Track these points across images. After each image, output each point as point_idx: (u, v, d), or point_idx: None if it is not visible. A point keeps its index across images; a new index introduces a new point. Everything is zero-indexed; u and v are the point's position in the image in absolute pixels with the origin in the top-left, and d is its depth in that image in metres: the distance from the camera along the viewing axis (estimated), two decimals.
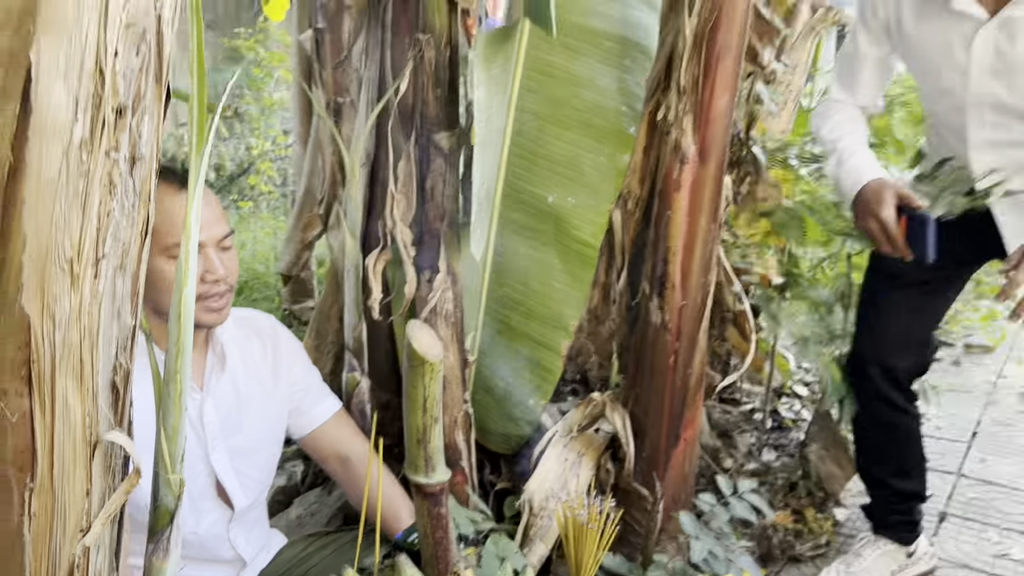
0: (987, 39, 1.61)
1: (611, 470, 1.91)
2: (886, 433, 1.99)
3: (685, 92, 1.67)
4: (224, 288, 1.47)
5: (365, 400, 1.91)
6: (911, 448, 2.01)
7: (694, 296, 1.79)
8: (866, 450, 2.09)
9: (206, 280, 1.43)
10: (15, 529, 0.74)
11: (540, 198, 1.86)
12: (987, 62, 1.64)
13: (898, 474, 2.03)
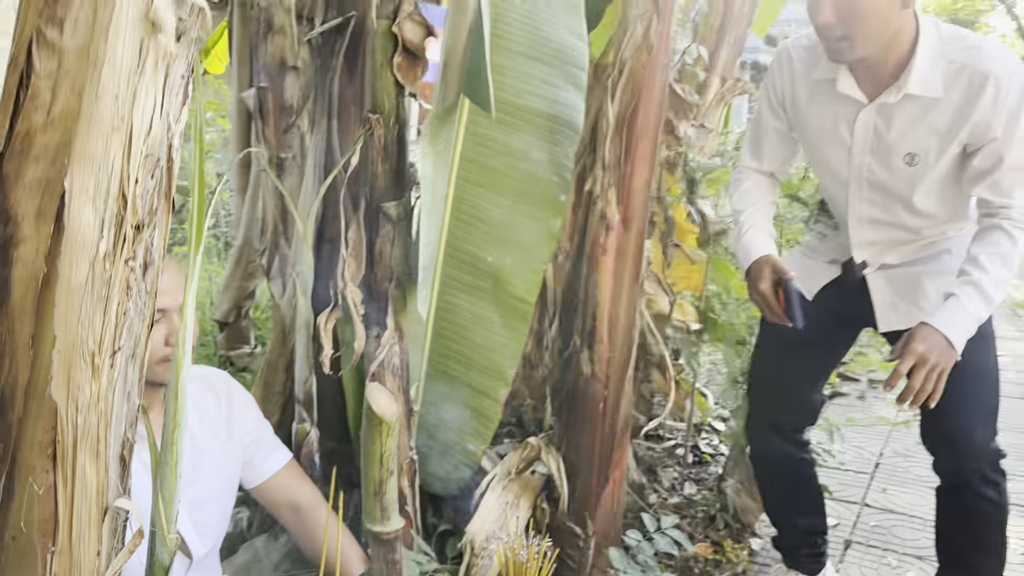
0: (867, 121, 1.79)
1: (546, 510, 2.06)
2: (782, 478, 2.14)
3: (609, 168, 1.86)
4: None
5: (314, 450, 2.02)
6: (807, 490, 2.17)
7: (620, 348, 1.97)
8: (766, 492, 2.25)
9: (170, 343, 1.53)
10: None
11: (480, 258, 2.01)
12: (867, 141, 1.81)
13: (798, 513, 2.20)
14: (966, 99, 1.68)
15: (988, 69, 1.65)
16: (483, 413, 2.07)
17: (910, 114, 1.74)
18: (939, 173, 1.78)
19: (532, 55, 1.97)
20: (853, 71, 1.75)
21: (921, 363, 1.66)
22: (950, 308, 1.71)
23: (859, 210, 1.91)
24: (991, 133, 1.68)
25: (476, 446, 2.09)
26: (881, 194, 1.86)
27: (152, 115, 0.82)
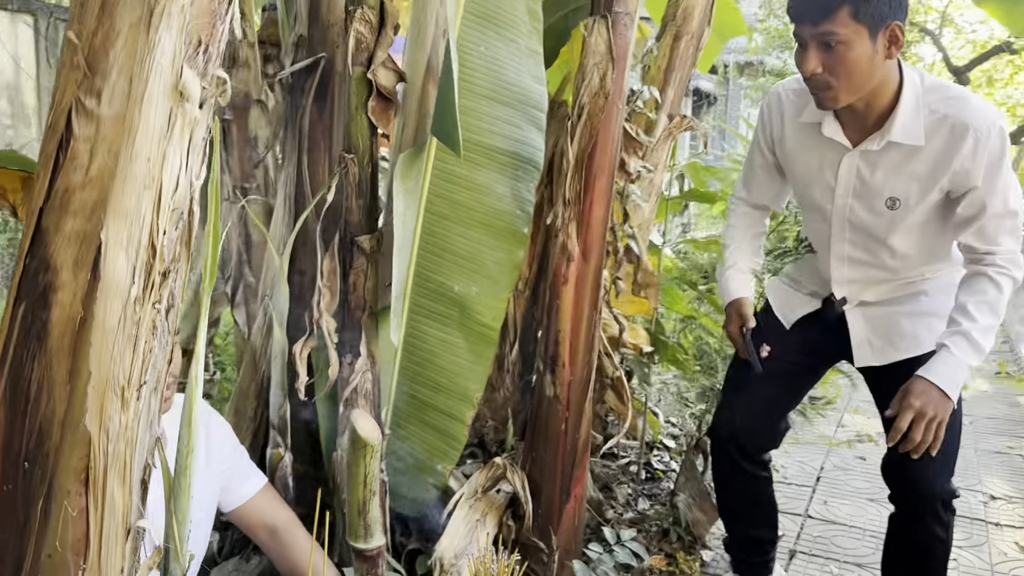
0: (851, 165, 1.89)
1: (512, 526, 2.16)
2: (741, 494, 2.25)
3: (570, 204, 2.00)
4: (171, 379, 1.65)
5: (288, 474, 2.09)
6: (764, 505, 2.29)
7: (580, 371, 2.10)
8: (724, 505, 2.36)
9: None
10: None
11: (447, 287, 2.13)
12: (850, 185, 1.91)
13: (752, 525, 2.31)
14: (947, 148, 1.75)
15: (968, 120, 1.72)
16: (450, 434, 2.17)
17: (893, 160, 1.83)
18: (919, 217, 1.87)
19: (496, 98, 2.10)
20: (839, 117, 1.85)
21: (919, 417, 1.74)
22: (942, 360, 1.78)
23: (840, 249, 2.00)
24: (971, 182, 1.77)
25: (444, 466, 2.19)
26: (862, 235, 1.95)
27: (178, 174, 0.92)
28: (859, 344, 2.05)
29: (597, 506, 2.77)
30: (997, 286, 1.81)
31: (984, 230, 1.81)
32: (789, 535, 2.92)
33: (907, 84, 1.78)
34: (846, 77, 1.71)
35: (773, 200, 2.19)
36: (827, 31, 1.67)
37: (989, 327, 1.79)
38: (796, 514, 3.10)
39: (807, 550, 2.81)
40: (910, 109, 1.77)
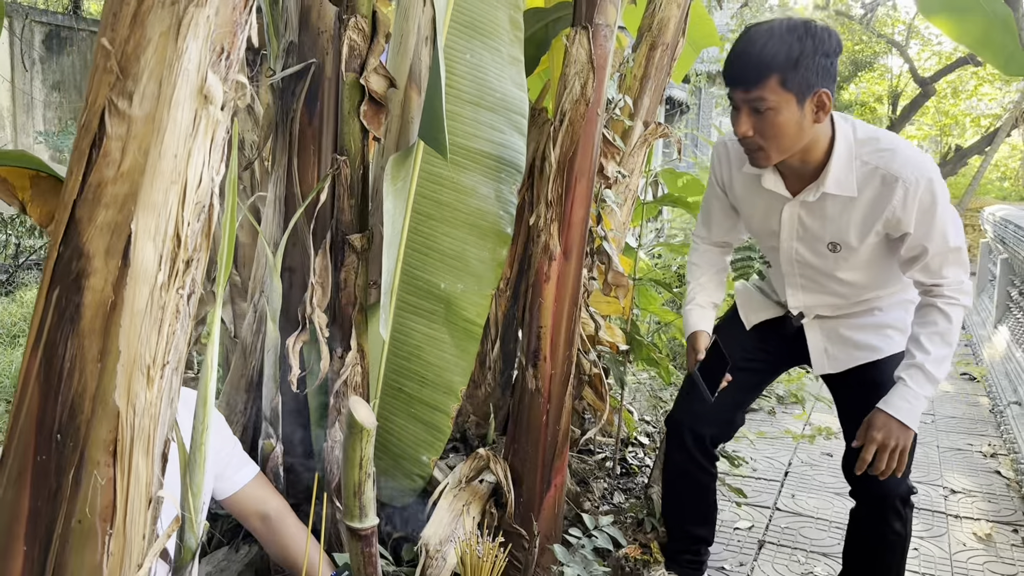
0: (792, 213, 2.01)
1: (495, 514, 2.25)
2: (688, 486, 2.33)
3: (552, 205, 2.10)
4: None
5: (279, 464, 2.17)
6: (707, 501, 2.38)
7: (561, 366, 2.19)
8: (669, 498, 2.44)
9: None
10: (97, 564, 1.00)
11: (434, 284, 2.21)
12: (793, 230, 2.03)
13: (693, 521, 2.40)
14: (879, 198, 1.87)
15: (898, 172, 1.82)
16: (435, 426, 2.26)
17: (830, 209, 1.94)
18: (863, 257, 1.99)
19: (480, 103, 2.20)
20: (779, 168, 1.96)
21: (882, 448, 1.88)
22: (899, 393, 1.90)
23: (793, 280, 2.13)
24: (904, 228, 1.88)
25: (428, 457, 2.28)
26: (811, 271, 2.08)
27: (202, 170, 1.01)
28: (817, 353, 2.18)
29: (575, 498, 2.87)
30: (947, 317, 1.91)
31: (929, 267, 1.92)
32: (758, 526, 3.03)
33: (839, 139, 1.88)
34: (775, 139, 1.81)
35: (731, 235, 2.30)
36: (757, 97, 1.77)
37: (942, 357, 1.91)
38: (765, 507, 3.21)
39: (775, 540, 2.93)
40: (842, 162, 1.88)
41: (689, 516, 2.39)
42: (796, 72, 1.74)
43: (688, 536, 2.42)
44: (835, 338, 2.16)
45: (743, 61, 1.78)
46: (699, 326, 2.17)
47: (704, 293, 2.22)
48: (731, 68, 1.81)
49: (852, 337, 2.13)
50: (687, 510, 2.39)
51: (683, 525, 2.42)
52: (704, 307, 2.20)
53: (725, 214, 2.22)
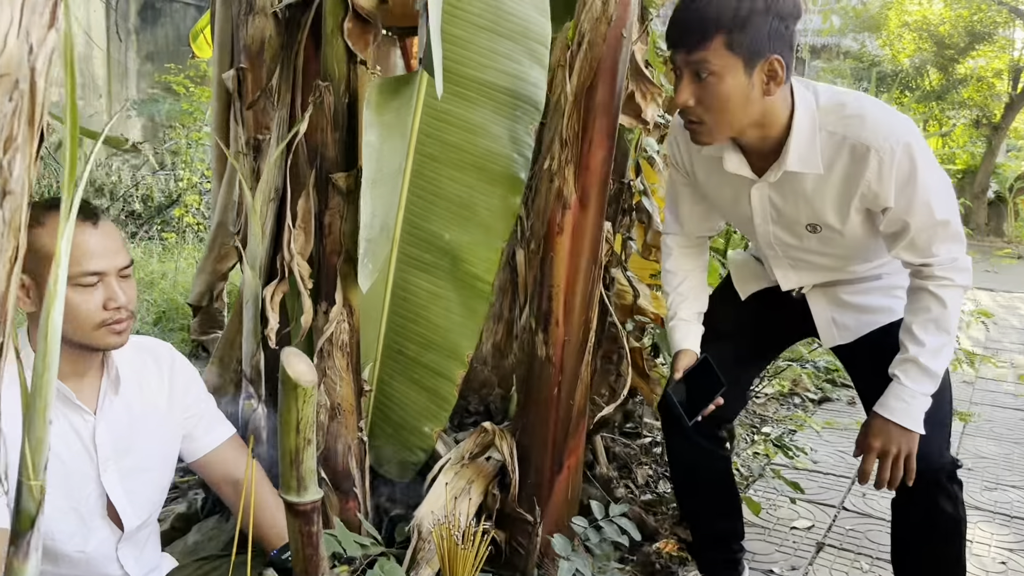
0: (762, 195, 1.76)
1: (498, 495, 2.00)
2: (696, 474, 2.06)
3: (567, 144, 1.81)
4: (126, 315, 1.53)
5: (261, 426, 1.98)
6: (722, 489, 2.09)
7: (576, 332, 1.92)
8: (680, 491, 2.17)
9: (108, 307, 1.49)
10: None
11: (437, 235, 1.97)
12: (766, 213, 1.78)
13: (712, 514, 2.11)
14: (850, 171, 1.62)
15: (868, 140, 1.58)
16: (439, 394, 2.02)
17: (800, 188, 1.70)
18: (848, 235, 1.74)
19: (495, 30, 1.93)
20: (740, 147, 1.72)
21: (883, 456, 1.66)
22: (894, 393, 1.68)
23: (778, 262, 1.89)
24: (883, 203, 1.62)
25: (431, 428, 2.05)
26: (796, 251, 1.84)
27: (7, 32, 0.78)
28: (824, 324, 1.91)
29: (606, 483, 2.59)
30: (940, 301, 1.65)
31: (915, 244, 1.65)
32: (819, 527, 2.69)
33: (799, 109, 1.62)
34: (718, 112, 1.57)
35: (705, 225, 2.02)
36: (699, 60, 1.53)
37: (938, 347, 1.65)
38: (829, 505, 2.86)
39: (837, 543, 2.58)
40: (804, 136, 1.63)
41: (706, 509, 2.11)
42: (744, 33, 1.50)
43: (712, 533, 2.12)
44: (841, 304, 1.88)
45: (685, 18, 1.55)
46: (683, 344, 1.90)
47: (686, 304, 1.94)
48: (672, 27, 1.58)
49: (860, 302, 1.85)
50: (702, 503, 2.10)
51: (703, 520, 2.13)
52: (688, 320, 1.93)
53: (695, 201, 1.95)
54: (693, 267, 1.99)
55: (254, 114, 2.49)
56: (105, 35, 9.96)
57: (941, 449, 1.72)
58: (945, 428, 1.75)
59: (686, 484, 2.10)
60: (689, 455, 2.00)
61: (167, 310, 4.03)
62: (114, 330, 1.51)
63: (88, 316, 1.47)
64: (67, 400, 1.54)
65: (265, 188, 1.95)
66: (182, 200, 5.70)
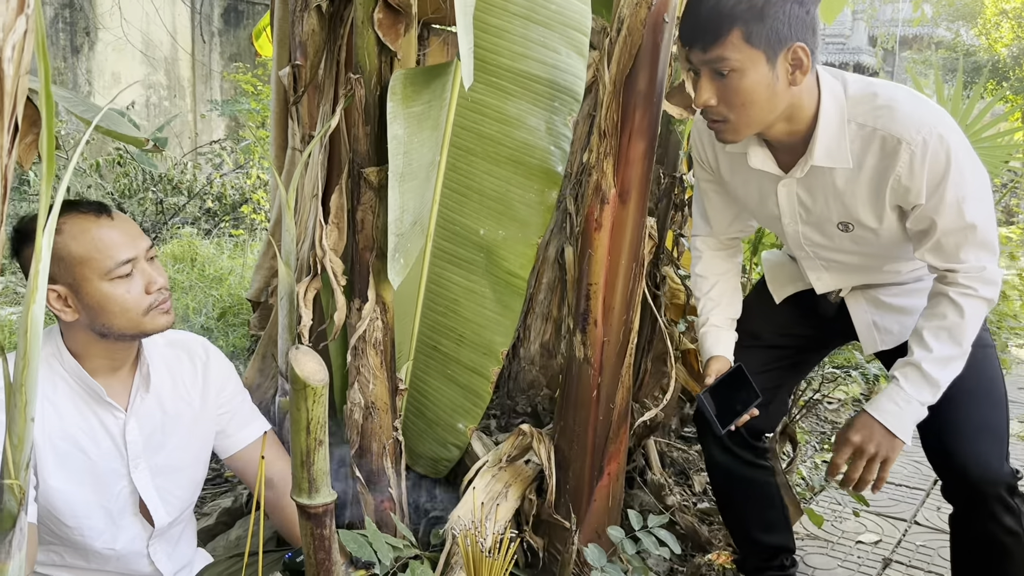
0: (789, 192, 1.65)
1: (534, 500, 1.94)
2: (740, 488, 1.96)
3: (606, 136, 1.73)
4: (167, 293, 1.55)
5: None
6: (768, 501, 1.98)
7: (616, 333, 1.83)
8: (723, 504, 2.07)
9: (151, 290, 1.50)
10: None
11: (472, 230, 1.92)
12: (794, 212, 1.67)
13: (754, 527, 2.00)
14: (881, 165, 1.50)
15: (899, 132, 1.47)
16: (473, 391, 1.97)
17: (829, 184, 1.58)
18: (885, 236, 1.61)
19: (532, 17, 1.86)
20: (767, 142, 1.61)
21: (858, 454, 1.59)
22: (889, 394, 1.59)
23: (811, 264, 1.78)
24: (913, 199, 1.50)
25: (465, 425, 2.00)
26: (829, 252, 1.72)
27: None
28: (864, 329, 1.78)
29: (658, 490, 2.49)
30: (959, 310, 1.53)
31: (941, 246, 1.52)
32: (887, 541, 2.53)
33: (827, 100, 1.52)
34: (743, 108, 1.47)
35: (736, 226, 1.90)
36: (717, 57, 1.44)
37: (946, 357, 1.54)
38: (900, 519, 2.69)
39: (906, 560, 2.42)
40: (833, 128, 1.52)
41: (752, 523, 2.00)
42: (763, 23, 1.40)
43: (760, 547, 2.01)
44: (882, 307, 1.75)
45: (698, 13, 1.45)
46: (716, 350, 1.80)
47: (718, 310, 1.84)
48: (685, 24, 1.49)
49: (902, 304, 1.73)
50: (747, 516, 2.00)
51: (751, 535, 2.01)
52: (720, 327, 1.83)
53: (724, 202, 1.85)
54: (724, 270, 1.89)
55: (308, 110, 2.49)
56: (190, 38, 10.28)
57: (1000, 460, 1.59)
58: (1002, 437, 1.62)
59: (724, 495, 2.01)
60: (726, 465, 1.91)
61: (232, 305, 4.11)
62: (162, 310, 1.53)
63: (136, 304, 1.48)
64: (98, 397, 1.55)
65: (299, 184, 1.93)
66: (251, 198, 5.82)
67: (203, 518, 2.31)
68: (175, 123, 8.95)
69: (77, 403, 1.54)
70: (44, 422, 1.49)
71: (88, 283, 1.43)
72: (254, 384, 2.29)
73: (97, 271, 1.44)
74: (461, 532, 1.59)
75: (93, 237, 1.45)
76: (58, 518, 1.53)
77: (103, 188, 5.98)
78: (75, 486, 1.53)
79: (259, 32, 3.83)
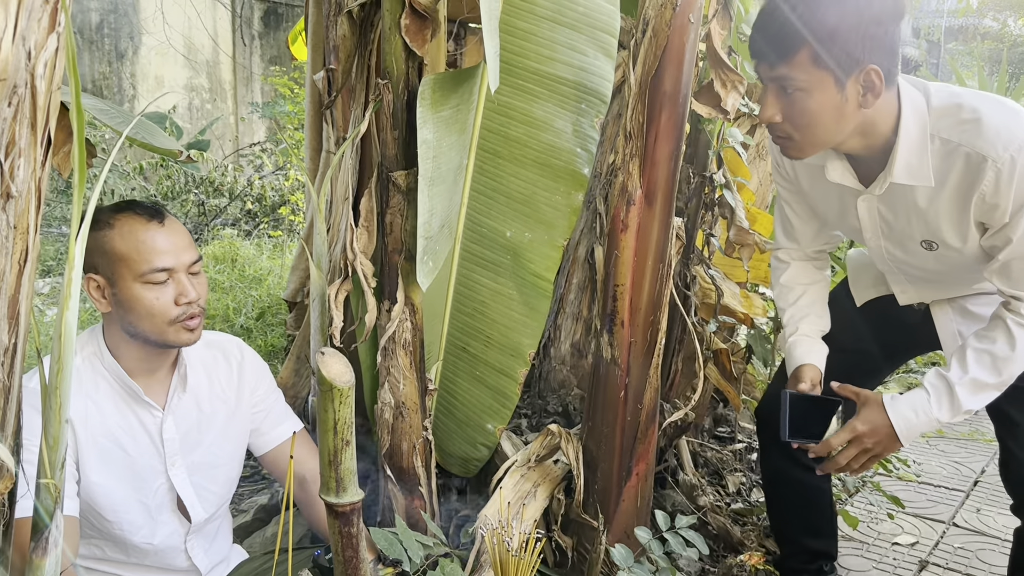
0: (870, 207, 1.60)
1: (563, 500, 1.95)
2: (793, 490, 1.93)
3: (632, 137, 1.73)
4: (197, 310, 1.57)
5: None
6: (819, 506, 1.95)
7: (643, 333, 1.83)
8: (774, 506, 2.04)
9: (179, 303, 1.53)
10: None
11: (499, 232, 1.93)
12: (876, 227, 1.62)
13: (807, 532, 1.98)
14: (966, 183, 1.43)
15: (984, 149, 1.39)
16: (502, 392, 1.99)
17: (911, 202, 1.52)
18: (971, 254, 1.54)
19: (558, 20, 1.87)
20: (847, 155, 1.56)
21: (855, 442, 1.59)
22: (910, 400, 1.57)
23: (895, 277, 1.74)
24: (999, 218, 1.43)
25: (495, 426, 2.01)
26: (913, 268, 1.67)
27: (0, 37, 0.80)
28: (949, 337, 1.72)
29: (690, 490, 2.48)
30: (1011, 339, 1.47)
31: (1009, 270, 1.46)
32: (924, 543, 2.49)
33: (907, 113, 1.44)
34: (807, 128, 1.42)
35: (821, 239, 1.84)
36: (782, 75, 1.39)
37: (981, 384, 1.49)
38: (938, 520, 2.65)
39: (943, 563, 2.38)
40: (914, 144, 1.44)
41: (798, 525, 1.98)
42: (834, 44, 1.34)
43: (803, 550, 2.00)
44: (969, 316, 1.69)
45: (766, 28, 1.40)
46: (806, 359, 1.73)
47: (808, 320, 1.78)
48: (755, 35, 1.44)
49: (989, 313, 1.64)
50: (795, 518, 1.98)
51: (796, 538, 2.00)
52: (811, 336, 1.76)
53: (805, 212, 1.79)
54: (812, 280, 1.83)
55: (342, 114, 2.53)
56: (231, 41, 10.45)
57: None
58: None
59: (775, 496, 1.99)
60: (782, 467, 1.89)
61: (270, 305, 4.18)
62: (187, 327, 1.55)
63: (162, 312, 1.51)
64: (136, 396, 1.59)
65: (332, 187, 1.96)
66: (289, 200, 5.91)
67: (240, 515, 2.36)
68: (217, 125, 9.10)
69: (117, 402, 1.59)
70: (87, 420, 1.54)
71: (122, 280, 1.48)
72: (289, 384, 2.33)
73: (132, 271, 1.48)
74: (488, 531, 1.61)
75: (138, 239, 1.49)
76: (99, 512, 1.58)
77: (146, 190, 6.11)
78: (115, 482, 1.58)
79: (295, 36, 3.88)
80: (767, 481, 1.99)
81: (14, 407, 0.93)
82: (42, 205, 0.90)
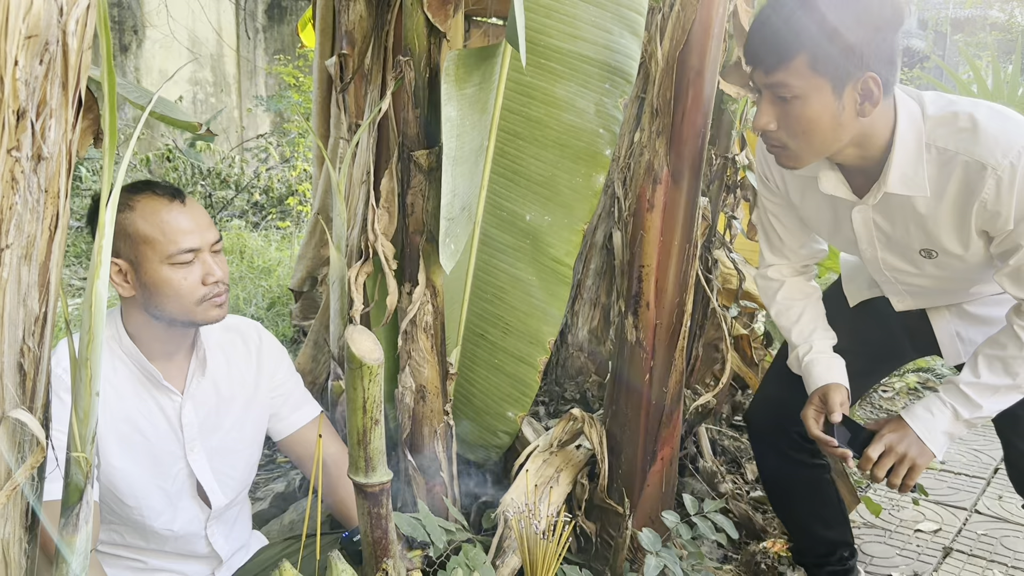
0: (865, 218, 1.56)
1: (586, 485, 1.92)
2: (796, 490, 1.90)
3: (658, 114, 1.70)
4: (223, 288, 1.55)
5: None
6: (817, 498, 1.91)
7: (668, 315, 1.80)
8: (776, 502, 2.02)
9: (207, 282, 1.51)
10: None
11: (519, 216, 1.90)
12: (872, 238, 1.59)
13: (818, 523, 1.94)
14: (966, 191, 1.40)
15: (983, 156, 1.36)
16: (521, 379, 1.96)
17: (909, 210, 1.48)
18: (973, 261, 1.51)
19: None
20: (839, 164, 1.52)
21: (889, 453, 1.55)
22: (926, 404, 1.56)
23: (891, 288, 1.70)
24: (1001, 225, 1.40)
25: (515, 413, 1.99)
26: (911, 277, 1.63)
27: None
28: (947, 339, 1.70)
29: (710, 477, 2.45)
30: (1020, 343, 1.45)
31: (1020, 274, 1.43)
32: (947, 530, 2.47)
33: (902, 122, 1.41)
34: (802, 136, 1.39)
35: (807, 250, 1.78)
36: (778, 82, 1.35)
37: (993, 388, 1.48)
38: (960, 508, 2.62)
39: (967, 549, 2.36)
40: (909, 153, 1.41)
41: (809, 520, 1.94)
42: (832, 50, 1.31)
43: (819, 541, 1.96)
44: (966, 317, 1.67)
45: (763, 34, 1.37)
46: (828, 378, 1.66)
47: (818, 335, 1.72)
48: (750, 41, 1.40)
49: (988, 314, 1.65)
50: (803, 512, 1.94)
51: (802, 529, 1.97)
52: (828, 353, 1.70)
53: (797, 225, 1.74)
54: (807, 295, 1.78)
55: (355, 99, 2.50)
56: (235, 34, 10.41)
57: None
58: None
59: (780, 498, 1.97)
60: (781, 470, 1.87)
61: (280, 295, 4.15)
62: (215, 303, 1.54)
63: (190, 292, 1.49)
64: (155, 381, 1.57)
65: (349, 169, 1.93)
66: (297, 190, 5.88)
67: (257, 503, 2.34)
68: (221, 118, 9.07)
69: (135, 386, 1.56)
70: (106, 404, 1.51)
71: (148, 263, 1.45)
72: (307, 370, 2.31)
73: (159, 253, 1.46)
74: (515, 515, 1.59)
75: (161, 220, 1.46)
76: (119, 498, 1.56)
77: None
78: (135, 466, 1.55)
79: (305, 23, 3.85)
80: (767, 483, 1.96)
81: (44, 379, 0.90)
82: (72, 169, 0.87)
